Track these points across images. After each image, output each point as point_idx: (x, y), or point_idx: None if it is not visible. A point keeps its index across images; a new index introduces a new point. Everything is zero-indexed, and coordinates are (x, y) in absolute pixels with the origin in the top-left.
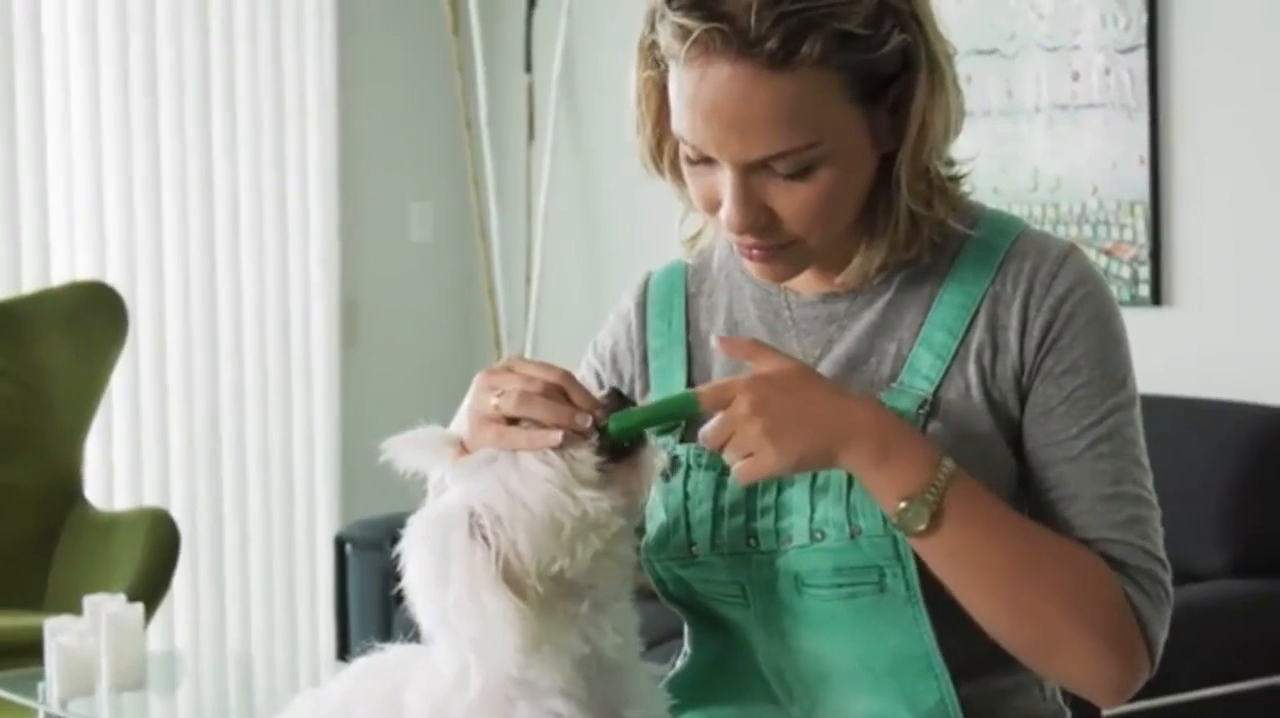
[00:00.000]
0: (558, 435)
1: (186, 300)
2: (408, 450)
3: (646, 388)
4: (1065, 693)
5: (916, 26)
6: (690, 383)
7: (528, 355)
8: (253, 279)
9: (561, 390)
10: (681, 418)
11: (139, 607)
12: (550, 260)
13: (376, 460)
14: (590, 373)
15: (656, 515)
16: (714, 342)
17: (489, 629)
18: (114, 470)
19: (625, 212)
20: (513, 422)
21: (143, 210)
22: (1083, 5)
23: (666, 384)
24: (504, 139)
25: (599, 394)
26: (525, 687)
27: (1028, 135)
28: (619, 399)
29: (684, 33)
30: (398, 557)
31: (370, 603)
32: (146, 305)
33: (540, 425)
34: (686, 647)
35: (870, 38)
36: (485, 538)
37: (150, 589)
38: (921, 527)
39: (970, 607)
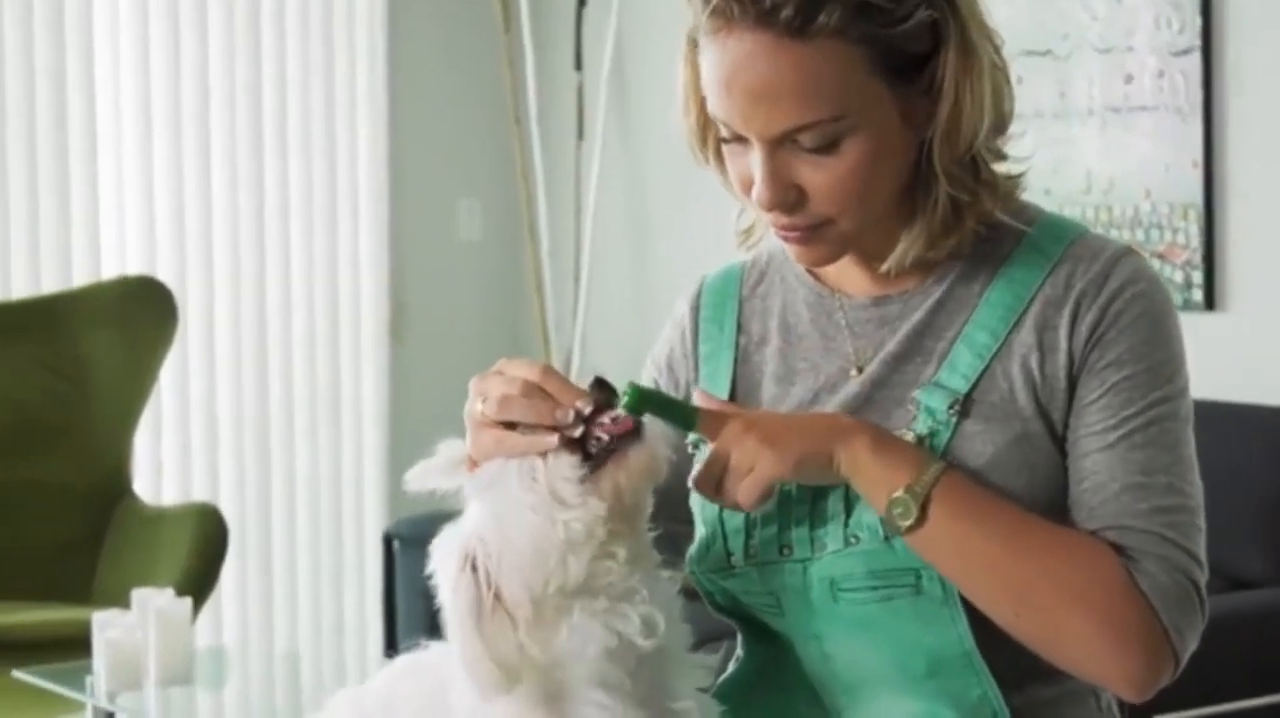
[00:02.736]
0: (553, 440)
1: (236, 296)
2: (427, 478)
3: None
4: (1122, 705)
5: (947, 5)
6: (734, 388)
7: (575, 354)
8: (302, 275)
9: (540, 388)
10: (678, 423)
11: (187, 601)
12: (598, 258)
13: (424, 457)
14: (650, 381)
15: (698, 528)
16: (696, 396)
17: (468, 664)
18: (163, 465)
19: (674, 209)
20: (511, 426)
21: (193, 206)
22: (1137, 7)
23: (714, 390)
24: (553, 136)
25: (585, 385)
26: (556, 694)
27: (1080, 138)
28: (603, 388)
29: (705, 3)
30: None
31: (418, 599)
32: (196, 301)
33: (530, 427)
34: (739, 651)
35: (892, 11)
36: (477, 570)
37: (198, 584)
38: (909, 522)
39: (973, 600)
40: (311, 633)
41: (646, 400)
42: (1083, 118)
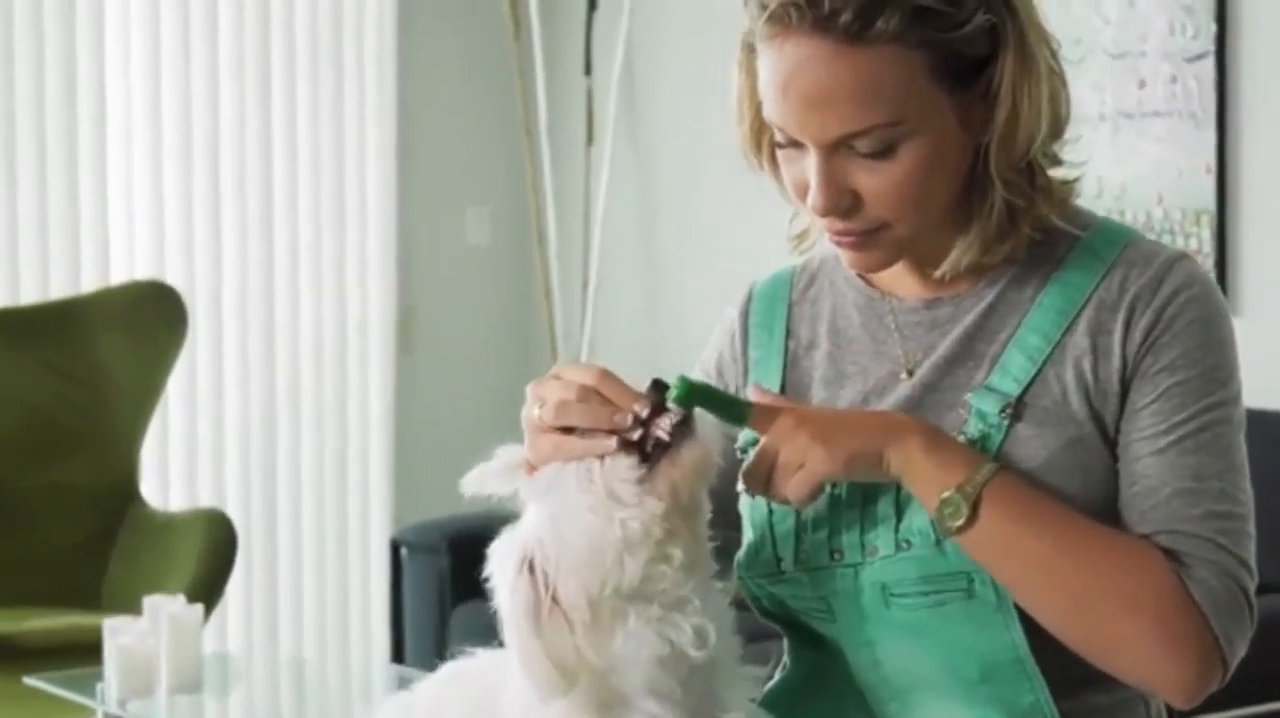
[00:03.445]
0: (611, 443)
1: (244, 302)
2: (486, 483)
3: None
4: (1171, 712)
5: (1005, 9)
6: (783, 392)
7: (583, 360)
8: (310, 280)
9: (598, 392)
10: (730, 419)
11: (199, 608)
12: (607, 265)
13: (431, 463)
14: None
15: (746, 533)
16: (751, 391)
17: (527, 666)
18: (169, 471)
19: (683, 216)
20: (569, 431)
21: (201, 211)
22: (1150, 12)
23: None
24: (563, 143)
25: (643, 388)
26: (615, 691)
27: (1092, 142)
28: (659, 389)
29: (762, 9)
30: (453, 560)
31: (425, 606)
32: (204, 306)
33: (588, 431)
34: (785, 658)
35: (951, 15)
36: (535, 572)
37: (207, 591)
38: (959, 522)
39: (1022, 604)
40: (317, 640)
41: (696, 394)
42: (1094, 123)
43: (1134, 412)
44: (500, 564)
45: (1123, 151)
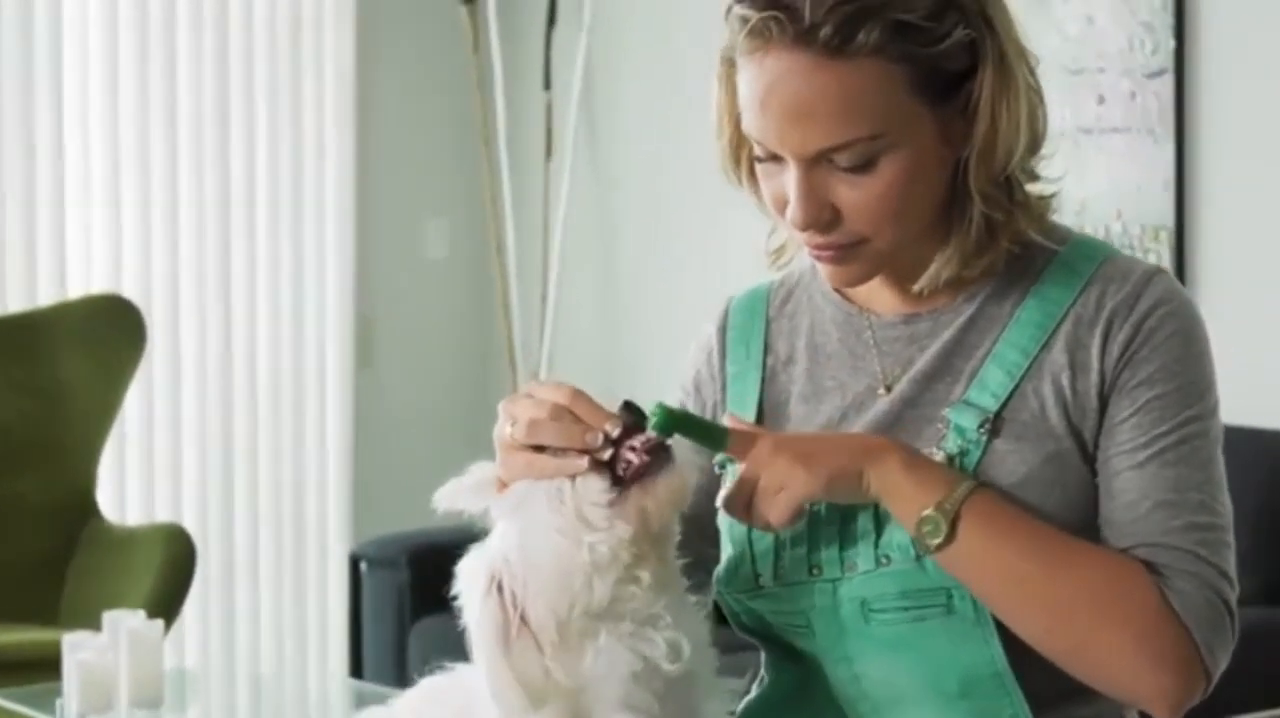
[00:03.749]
0: (583, 463)
1: (201, 314)
2: (457, 498)
3: (725, 414)
4: None
5: (984, 25)
6: (761, 408)
7: (542, 374)
8: (268, 293)
9: (570, 411)
10: (707, 444)
11: (159, 623)
12: (566, 278)
13: (390, 477)
14: (677, 404)
15: (725, 548)
16: (727, 419)
17: (494, 687)
18: (126, 485)
19: (642, 230)
20: (540, 449)
21: (159, 223)
22: (1109, 29)
23: (741, 409)
24: (522, 156)
25: (614, 409)
26: (587, 710)
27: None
28: (631, 411)
29: (743, 22)
30: (413, 575)
31: (385, 621)
32: (162, 319)
33: (560, 450)
34: (763, 672)
35: (931, 30)
36: (503, 592)
37: (166, 606)
38: (939, 539)
39: (1004, 619)
40: (274, 655)
41: (675, 421)
42: (1053, 139)
43: (1112, 426)
44: (468, 584)
45: (1082, 167)
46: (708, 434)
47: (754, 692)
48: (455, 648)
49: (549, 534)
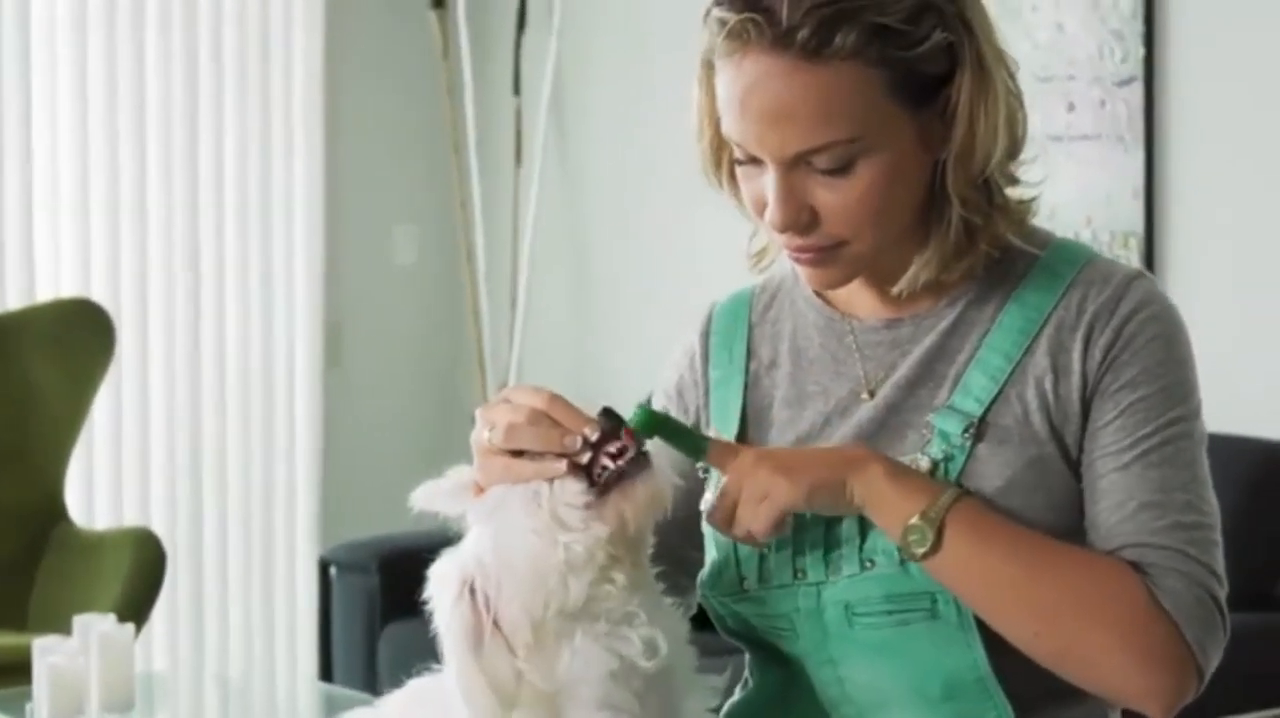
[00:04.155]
0: (561, 466)
1: (170, 319)
2: (434, 501)
3: (708, 419)
4: None
5: (962, 28)
6: (745, 413)
7: (511, 379)
8: (237, 299)
9: (548, 416)
10: (688, 452)
11: (130, 627)
12: (536, 284)
13: (359, 482)
14: (660, 409)
15: (709, 552)
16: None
17: (465, 691)
18: (94, 489)
19: (612, 236)
20: (519, 454)
21: (128, 228)
22: (1079, 36)
23: (724, 415)
24: (491, 162)
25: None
26: (568, 709)
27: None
28: (610, 417)
29: (722, 25)
30: (383, 579)
31: (354, 625)
32: (131, 324)
33: (538, 454)
34: (747, 674)
35: (908, 34)
36: (475, 595)
37: (135, 610)
38: (924, 548)
39: (993, 625)
40: (243, 659)
41: (655, 423)
42: (1029, 144)
43: (1096, 429)
44: (439, 587)
45: (1052, 175)
46: (688, 440)
47: (738, 694)
48: (426, 653)
49: (524, 535)
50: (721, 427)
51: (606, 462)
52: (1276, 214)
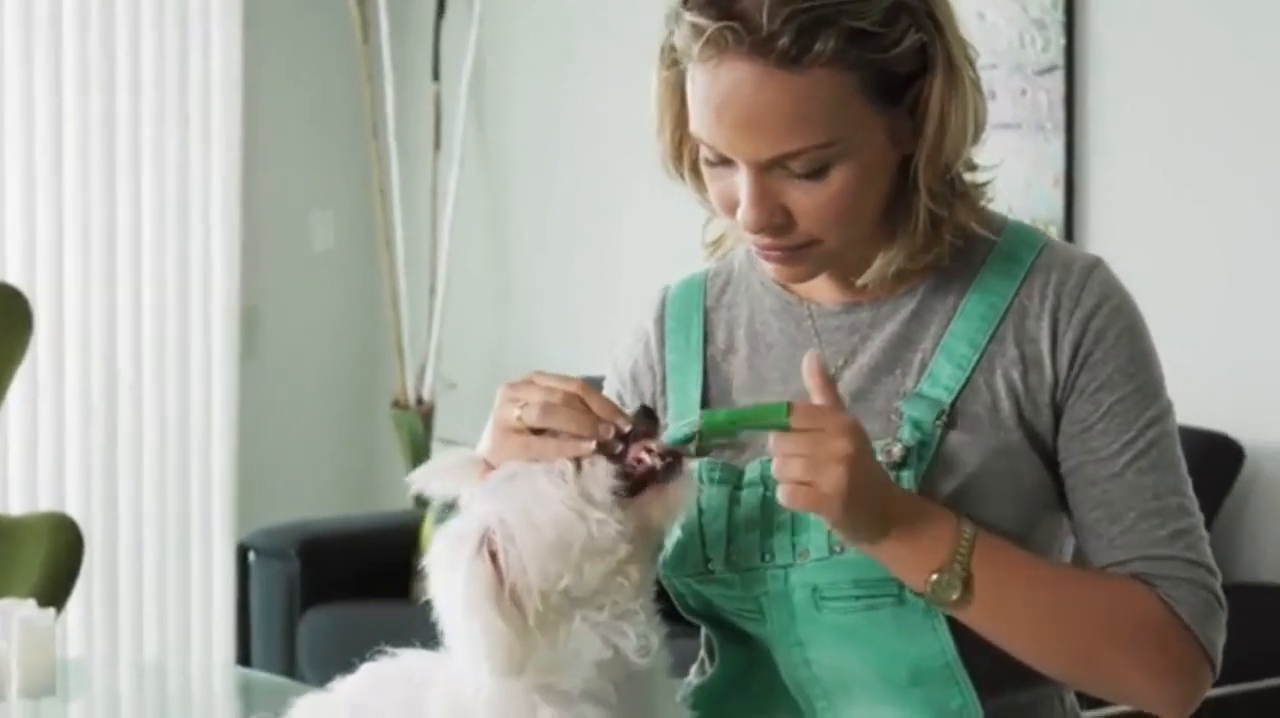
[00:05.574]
0: (589, 445)
1: (86, 304)
2: (434, 479)
3: (666, 405)
4: (1080, 697)
5: (933, 26)
6: (706, 398)
7: (430, 367)
8: (153, 285)
9: (581, 401)
10: (767, 427)
11: (50, 612)
12: (455, 270)
13: (276, 467)
14: (613, 394)
15: (673, 532)
16: (806, 361)
17: (476, 648)
18: (8, 473)
19: (532, 222)
20: (537, 433)
21: (44, 213)
22: (1000, 25)
23: (683, 400)
24: (410, 148)
25: (628, 411)
26: (550, 692)
27: None
28: (648, 416)
29: (698, 32)
30: (303, 564)
31: (274, 610)
32: (46, 308)
33: (571, 436)
34: (703, 655)
35: (884, 36)
36: (494, 555)
37: (54, 595)
38: (955, 596)
39: (1019, 656)
40: (158, 644)
41: (724, 420)
42: None
43: (1080, 432)
44: (454, 546)
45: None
46: (763, 413)
47: (694, 676)
48: (345, 637)
49: (553, 504)
50: (680, 412)
51: (644, 456)
52: (1194, 203)
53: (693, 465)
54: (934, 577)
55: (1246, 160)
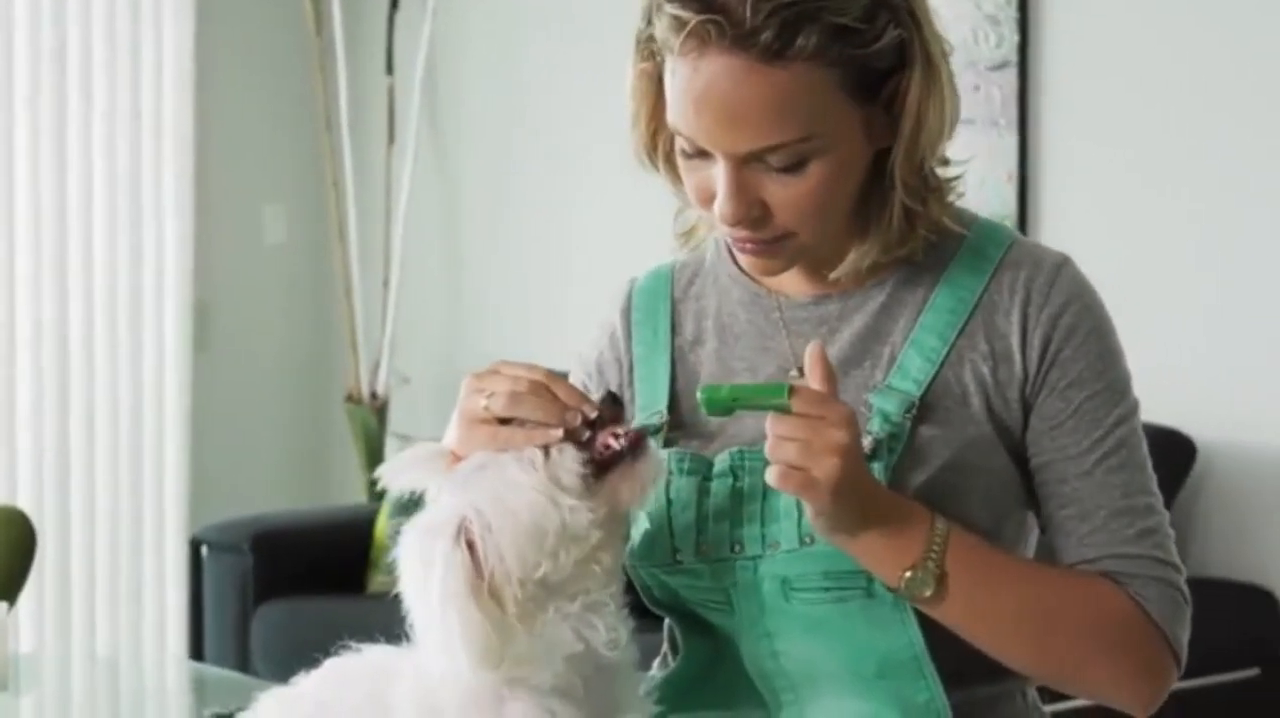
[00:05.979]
0: (557, 432)
1: (38, 298)
2: (401, 474)
3: (634, 397)
4: (1041, 690)
5: (911, 21)
6: (673, 389)
7: (384, 361)
8: (105, 277)
9: (548, 389)
10: (768, 407)
11: (2, 607)
12: (408, 264)
13: (229, 462)
14: (580, 383)
15: (640, 522)
16: (810, 349)
17: (453, 640)
18: None
19: (485, 216)
20: (504, 423)
21: None
22: (953, 21)
23: (651, 391)
24: (364, 141)
25: (595, 397)
26: (519, 685)
27: None
28: (614, 401)
29: (679, 24)
30: (256, 559)
31: (227, 604)
32: None
33: (537, 424)
34: (666, 648)
35: (865, 32)
36: (471, 545)
37: (6, 589)
38: (928, 592)
39: (990, 652)
40: (110, 639)
41: (726, 396)
42: None
43: (1051, 428)
44: (430, 537)
45: None
46: (764, 392)
47: (657, 669)
48: (298, 632)
49: (526, 492)
50: (648, 403)
51: (610, 441)
52: (1147, 198)
53: (658, 450)
54: (908, 573)
55: (1199, 155)
